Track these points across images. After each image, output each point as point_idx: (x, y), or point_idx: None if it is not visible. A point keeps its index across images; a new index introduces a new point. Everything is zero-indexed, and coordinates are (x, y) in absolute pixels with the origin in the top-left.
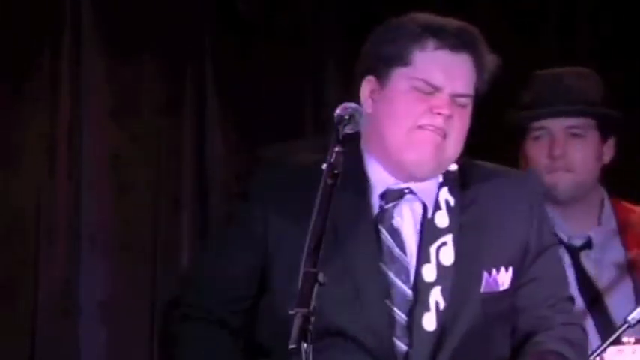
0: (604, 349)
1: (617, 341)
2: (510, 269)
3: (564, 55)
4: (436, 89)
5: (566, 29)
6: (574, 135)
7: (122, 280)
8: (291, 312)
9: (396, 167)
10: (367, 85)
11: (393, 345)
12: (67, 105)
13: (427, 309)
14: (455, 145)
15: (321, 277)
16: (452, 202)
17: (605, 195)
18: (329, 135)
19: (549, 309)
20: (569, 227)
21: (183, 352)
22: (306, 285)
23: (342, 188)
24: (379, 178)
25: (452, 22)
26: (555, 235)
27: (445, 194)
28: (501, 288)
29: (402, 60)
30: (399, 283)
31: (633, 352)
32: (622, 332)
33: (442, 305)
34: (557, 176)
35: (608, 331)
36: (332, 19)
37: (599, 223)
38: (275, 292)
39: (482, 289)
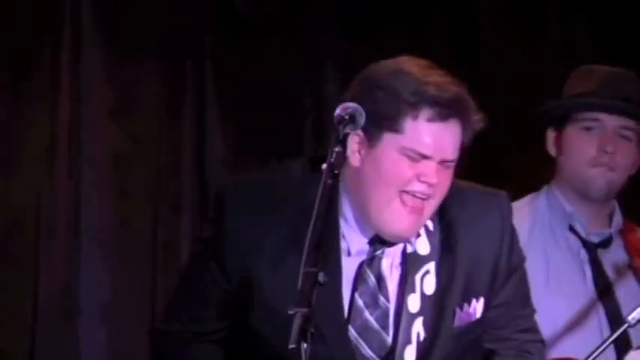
0: (604, 349)
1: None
2: (482, 299)
3: (564, 55)
4: (425, 158)
5: (566, 30)
6: (623, 136)
7: (122, 280)
8: (290, 312)
9: (371, 228)
10: (355, 139)
11: None
12: (67, 105)
13: (409, 341)
14: (435, 205)
15: (321, 276)
16: (430, 225)
17: (616, 204)
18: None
19: (514, 330)
20: (588, 224)
21: None
22: (306, 285)
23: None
24: (357, 223)
25: (443, 89)
26: (575, 233)
27: None
28: (474, 318)
29: (394, 127)
30: (378, 328)
31: None
32: (621, 332)
33: (422, 336)
34: (599, 171)
35: (619, 328)
36: (332, 19)
37: (610, 226)
38: (253, 330)
39: (455, 324)
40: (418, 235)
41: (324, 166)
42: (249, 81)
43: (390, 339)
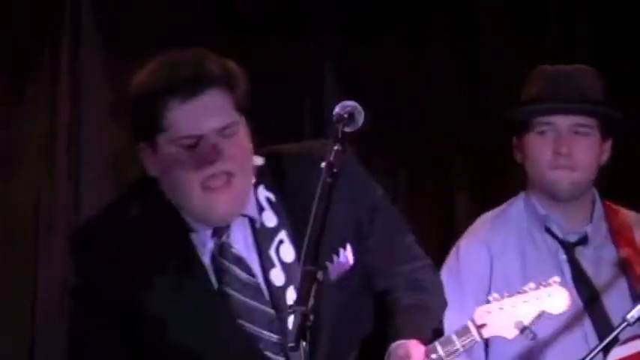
0: (602, 348)
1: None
2: (348, 246)
3: (564, 55)
4: (199, 137)
5: (566, 30)
6: (579, 133)
7: None
8: (289, 310)
9: (204, 219)
10: (145, 154)
11: None
12: (66, 104)
13: (289, 313)
14: (242, 176)
15: (320, 275)
16: (272, 197)
17: (597, 194)
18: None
19: (397, 264)
20: (564, 224)
21: None
22: (305, 283)
23: (166, 243)
24: (198, 221)
25: (182, 68)
26: (552, 234)
27: (263, 192)
28: (348, 266)
29: (158, 127)
30: (258, 305)
31: None
32: (620, 331)
33: None
34: (559, 173)
35: (605, 327)
36: (332, 19)
37: (591, 221)
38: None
39: (332, 277)
40: (262, 209)
41: (323, 164)
42: (248, 80)
43: (273, 312)
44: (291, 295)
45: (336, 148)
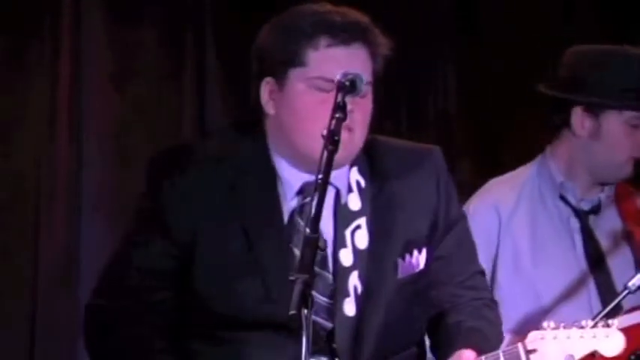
0: (604, 315)
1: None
2: (424, 250)
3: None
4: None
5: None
6: None
7: None
8: (291, 278)
9: (307, 165)
10: (266, 87)
11: (317, 326)
12: (67, 70)
13: (347, 294)
14: (361, 135)
15: (321, 243)
16: (362, 182)
17: None
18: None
19: (458, 286)
20: (579, 192)
21: (105, 345)
22: (306, 251)
23: (251, 187)
24: (291, 173)
25: (342, 16)
26: (566, 202)
27: (355, 175)
28: (417, 269)
29: (297, 61)
30: (319, 270)
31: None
32: (622, 298)
33: (360, 290)
34: (632, 166)
35: (611, 296)
36: None
37: (602, 190)
38: (197, 292)
39: (399, 276)
40: (351, 191)
41: (324, 132)
42: (249, 46)
43: (331, 278)
44: (353, 279)
45: (337, 116)
